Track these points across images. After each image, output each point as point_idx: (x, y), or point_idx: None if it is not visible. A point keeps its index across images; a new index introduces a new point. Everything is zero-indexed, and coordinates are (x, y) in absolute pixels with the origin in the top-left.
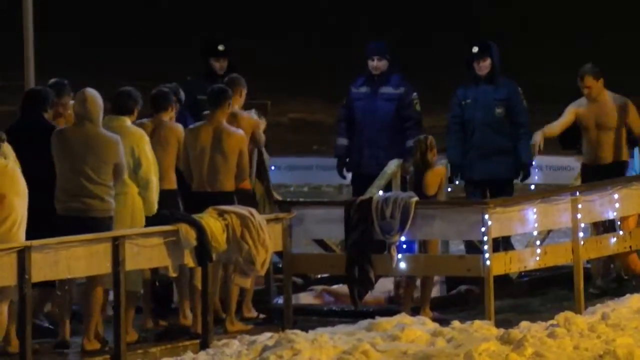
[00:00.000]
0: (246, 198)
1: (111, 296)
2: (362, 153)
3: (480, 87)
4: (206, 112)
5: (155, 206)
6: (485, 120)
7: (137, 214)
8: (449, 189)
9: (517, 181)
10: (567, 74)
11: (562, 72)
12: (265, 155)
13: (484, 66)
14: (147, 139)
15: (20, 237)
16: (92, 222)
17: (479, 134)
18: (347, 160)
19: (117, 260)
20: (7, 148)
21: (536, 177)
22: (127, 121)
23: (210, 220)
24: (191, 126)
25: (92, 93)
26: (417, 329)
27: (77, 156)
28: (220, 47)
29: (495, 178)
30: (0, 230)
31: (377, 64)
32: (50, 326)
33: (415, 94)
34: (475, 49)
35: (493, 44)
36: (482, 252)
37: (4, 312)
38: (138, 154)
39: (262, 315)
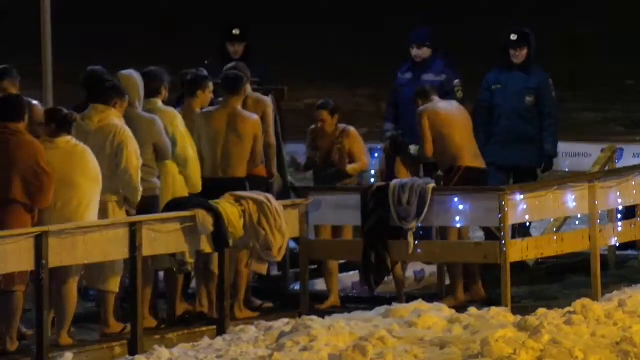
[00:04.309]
0: (259, 184)
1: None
2: (403, 139)
3: (512, 73)
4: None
5: (200, 183)
6: (515, 107)
7: (178, 193)
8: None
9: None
10: None
11: None
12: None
13: (520, 55)
14: (180, 117)
15: (87, 218)
16: None
17: (506, 121)
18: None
19: (134, 245)
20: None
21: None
22: (158, 102)
23: (227, 206)
24: (204, 110)
25: (128, 75)
26: (434, 315)
27: None
28: (235, 32)
29: (519, 165)
30: (66, 211)
31: (417, 52)
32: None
33: (457, 81)
34: (514, 37)
35: (531, 33)
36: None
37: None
38: (172, 132)
39: (267, 304)
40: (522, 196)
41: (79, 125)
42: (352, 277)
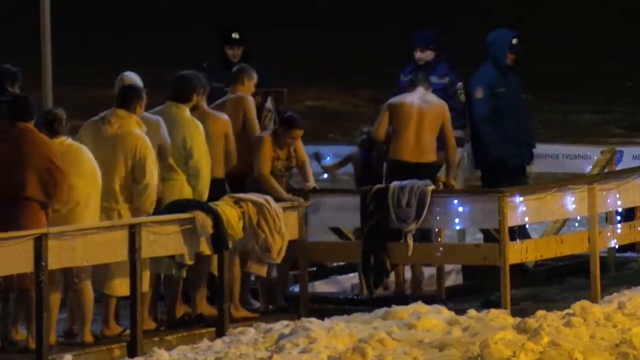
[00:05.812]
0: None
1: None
2: None
3: (508, 75)
4: (222, 99)
5: (205, 196)
6: (520, 108)
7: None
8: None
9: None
10: None
11: None
12: None
13: (515, 56)
14: (202, 130)
15: (86, 218)
16: None
17: (516, 122)
18: None
19: (133, 247)
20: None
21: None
22: (186, 111)
23: (227, 208)
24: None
25: (130, 77)
26: (433, 317)
27: None
28: (235, 35)
29: (520, 165)
30: (63, 212)
31: (420, 55)
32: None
33: (460, 84)
34: (515, 41)
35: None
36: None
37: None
38: (190, 145)
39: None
40: (521, 198)
41: (96, 127)
42: (352, 279)
